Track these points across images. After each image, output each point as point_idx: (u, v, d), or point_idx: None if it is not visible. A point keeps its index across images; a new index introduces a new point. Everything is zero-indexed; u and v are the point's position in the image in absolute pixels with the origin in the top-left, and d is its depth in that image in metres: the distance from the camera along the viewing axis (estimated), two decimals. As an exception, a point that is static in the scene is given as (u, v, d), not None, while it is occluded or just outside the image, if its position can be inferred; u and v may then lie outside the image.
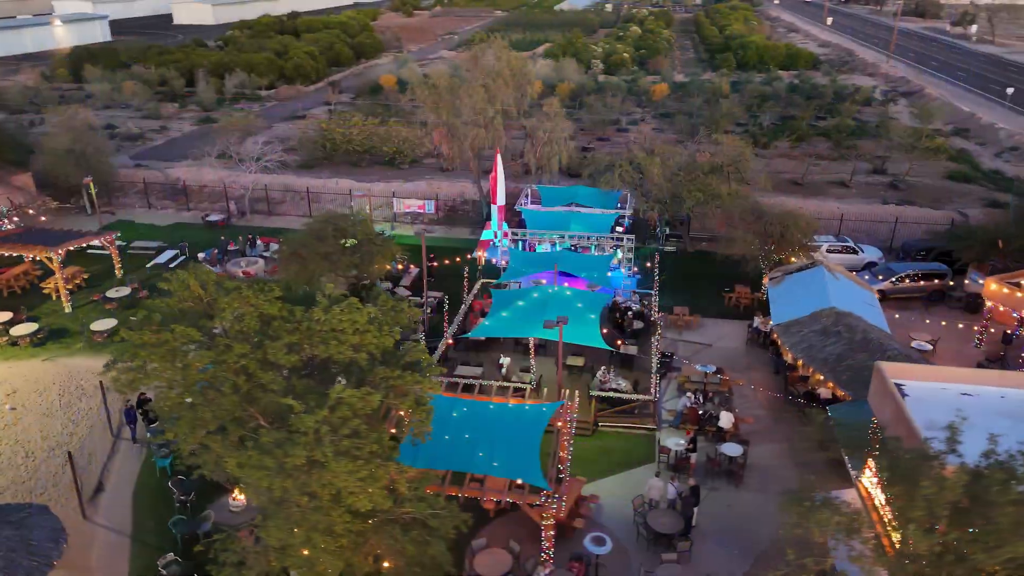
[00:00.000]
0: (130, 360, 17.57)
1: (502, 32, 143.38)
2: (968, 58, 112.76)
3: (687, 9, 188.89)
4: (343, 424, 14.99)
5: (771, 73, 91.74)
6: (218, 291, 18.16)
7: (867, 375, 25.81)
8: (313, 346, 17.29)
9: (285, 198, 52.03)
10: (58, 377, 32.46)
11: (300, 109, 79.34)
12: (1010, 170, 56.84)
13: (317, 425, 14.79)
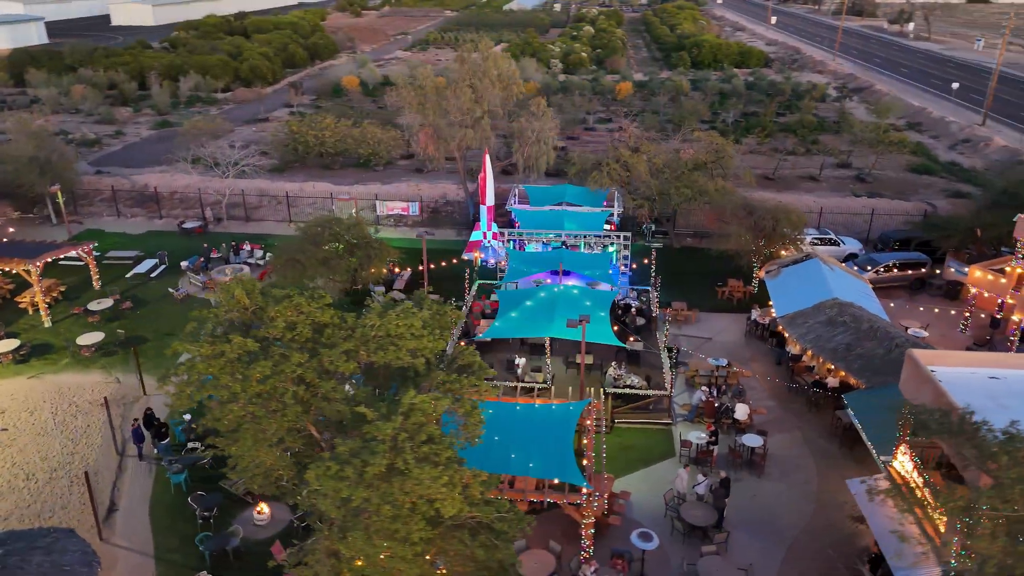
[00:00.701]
0: (186, 373, 16.93)
1: (454, 32, 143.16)
2: (908, 55, 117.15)
3: (634, 9, 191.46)
4: (419, 430, 14.79)
5: (727, 71, 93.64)
6: (266, 300, 17.65)
7: (878, 363, 26.74)
8: (370, 353, 16.99)
9: (261, 203, 50.90)
10: (48, 395, 31.12)
11: (262, 112, 77.68)
12: (965, 161, 59.34)
13: (395, 432, 14.55)
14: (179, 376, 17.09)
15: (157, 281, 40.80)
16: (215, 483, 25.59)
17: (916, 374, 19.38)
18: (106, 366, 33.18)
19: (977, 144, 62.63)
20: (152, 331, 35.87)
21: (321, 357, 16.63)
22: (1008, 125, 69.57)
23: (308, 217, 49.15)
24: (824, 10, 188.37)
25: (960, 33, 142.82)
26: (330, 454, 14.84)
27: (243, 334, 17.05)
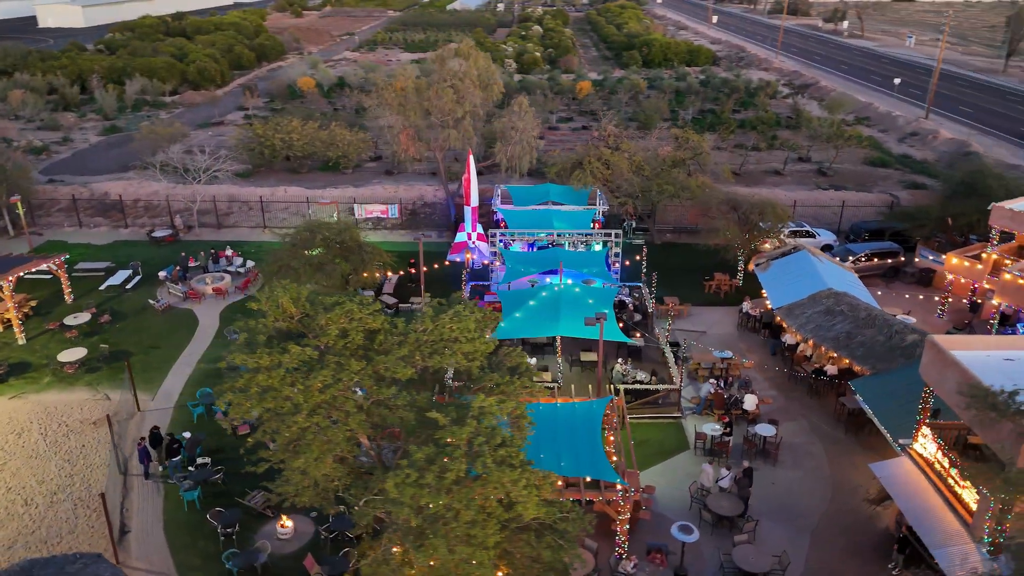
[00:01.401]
0: (244, 386, 16.36)
1: (401, 32, 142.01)
2: (845, 52, 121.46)
3: (577, 8, 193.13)
4: (493, 433, 14.70)
5: (679, 70, 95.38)
6: (314, 307, 17.21)
7: (880, 350, 27.73)
8: (424, 357, 16.78)
9: (231, 209, 49.56)
10: (35, 415, 29.68)
11: (216, 115, 75.58)
12: (916, 154, 61.91)
13: (470, 436, 14.43)
14: (239, 389, 16.45)
15: (134, 292, 39.33)
16: (229, 499, 24.93)
17: (939, 359, 20.18)
18: (92, 383, 31.84)
19: (925, 137, 65.41)
20: (136, 345, 34.58)
21: (376, 364, 16.34)
22: (947, 118, 72.86)
23: (283, 223, 48.29)
24: (760, 9, 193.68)
25: (890, 31, 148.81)
26: (407, 461, 14.59)
27: (295, 343, 16.60)
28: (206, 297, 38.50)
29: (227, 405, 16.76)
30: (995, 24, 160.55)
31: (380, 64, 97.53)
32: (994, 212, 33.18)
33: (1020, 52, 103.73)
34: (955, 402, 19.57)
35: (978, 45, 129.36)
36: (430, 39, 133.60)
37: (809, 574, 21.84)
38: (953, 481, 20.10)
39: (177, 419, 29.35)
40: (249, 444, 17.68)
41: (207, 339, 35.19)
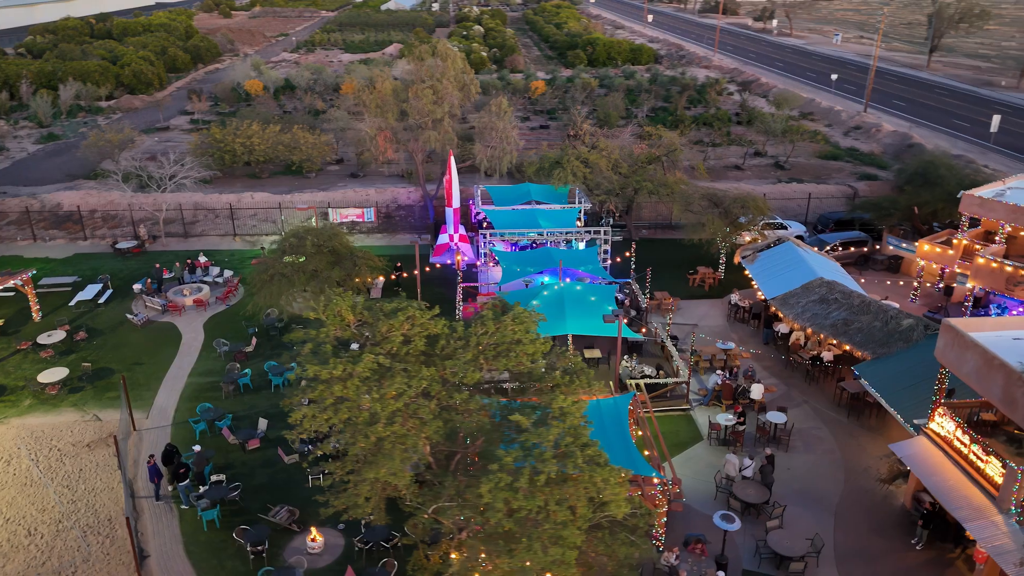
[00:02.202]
0: (318, 397, 15.83)
1: (339, 33, 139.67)
2: (777, 50, 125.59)
3: (512, 8, 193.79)
4: (578, 433, 14.72)
5: (626, 68, 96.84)
6: (374, 315, 16.83)
7: (879, 335, 28.88)
8: (488, 361, 16.65)
9: (197, 217, 47.87)
10: (21, 440, 28.09)
11: (161, 120, 72.83)
12: (863, 147, 64.59)
13: (557, 437, 14.41)
14: (315, 401, 15.93)
15: (106, 307, 37.59)
16: (248, 516, 24.18)
17: (958, 341, 21.19)
18: (77, 404, 30.33)
19: (869, 130, 68.28)
20: (118, 362, 33.10)
21: (443, 369, 16.13)
22: (883, 111, 76.19)
23: (253, 230, 47.04)
24: (691, 8, 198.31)
25: (816, 28, 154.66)
26: (497, 465, 14.43)
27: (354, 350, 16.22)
28: (186, 309, 37.12)
29: (303, 418, 16.15)
30: (911, 21, 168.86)
31: (323, 65, 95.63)
32: (964, 200, 34.95)
33: (941, 48, 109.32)
34: (976, 382, 20.59)
35: (899, 42, 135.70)
36: (369, 39, 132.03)
37: (839, 554, 22.60)
38: (975, 457, 21.15)
39: (177, 437, 28.22)
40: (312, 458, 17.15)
41: (194, 352, 33.95)
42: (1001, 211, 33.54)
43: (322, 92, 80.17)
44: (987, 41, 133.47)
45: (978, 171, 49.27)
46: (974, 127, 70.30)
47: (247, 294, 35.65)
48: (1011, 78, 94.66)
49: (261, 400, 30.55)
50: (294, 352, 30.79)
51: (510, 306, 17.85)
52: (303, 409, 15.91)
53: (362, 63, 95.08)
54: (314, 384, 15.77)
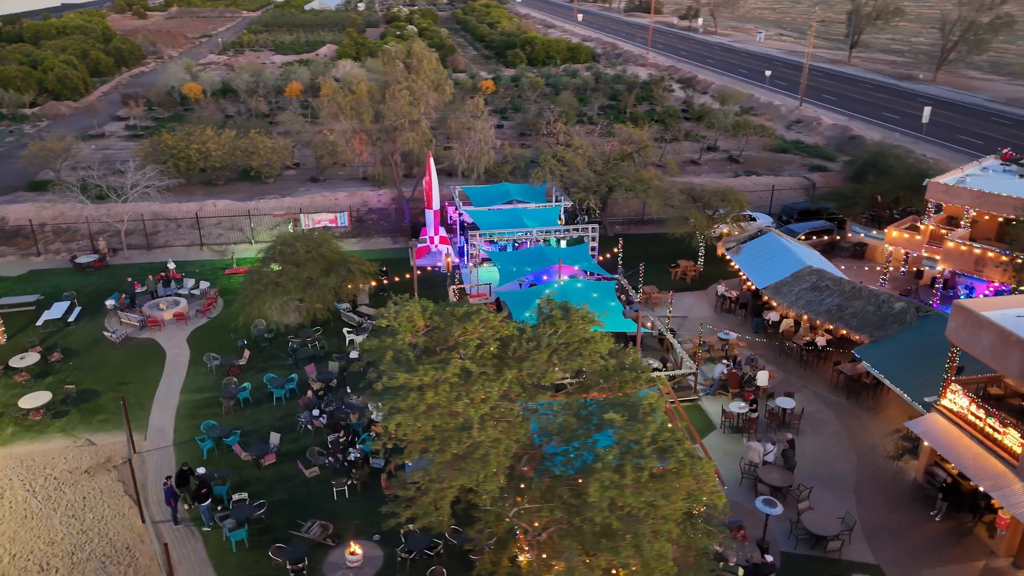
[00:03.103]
0: (410, 405, 15.37)
1: (266, 33, 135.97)
2: (706, 47, 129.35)
3: (439, 8, 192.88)
4: (673, 429, 14.89)
5: (569, 67, 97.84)
6: (444, 319, 16.52)
7: (874, 318, 30.20)
8: (562, 360, 16.63)
9: (158, 228, 45.80)
10: (11, 470, 26.35)
11: (95, 127, 69.34)
12: (807, 139, 67.28)
13: (655, 433, 14.54)
14: (402, 408, 15.49)
15: (77, 326, 35.59)
16: (277, 533, 23.40)
17: (971, 321, 22.41)
18: (65, 429, 28.65)
19: (810, 123, 71.18)
20: (102, 382, 31.43)
21: (521, 371, 16.03)
22: (816, 105, 79.50)
23: (219, 239, 45.45)
24: (616, 7, 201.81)
25: (738, 26, 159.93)
26: (600, 464, 14.42)
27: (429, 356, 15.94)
28: (166, 324, 35.52)
29: (396, 426, 15.65)
30: (824, 19, 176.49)
31: (259, 67, 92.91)
32: (930, 187, 36.86)
33: (859, 44, 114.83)
34: (992, 358, 21.84)
35: (817, 39, 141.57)
36: (300, 40, 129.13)
37: (867, 531, 23.55)
38: (991, 429, 22.42)
39: (182, 457, 26.99)
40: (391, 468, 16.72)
41: (181, 369, 32.54)
42: (966, 197, 35.54)
43: (265, 95, 77.92)
44: (897, 37, 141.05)
45: (921, 160, 52.03)
46: (903, 119, 74.19)
47: (237, 305, 34.29)
48: (928, 72, 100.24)
49: (264, 414, 29.56)
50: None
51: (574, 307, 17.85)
52: (396, 417, 15.47)
53: (301, 64, 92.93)
54: (404, 392, 15.37)
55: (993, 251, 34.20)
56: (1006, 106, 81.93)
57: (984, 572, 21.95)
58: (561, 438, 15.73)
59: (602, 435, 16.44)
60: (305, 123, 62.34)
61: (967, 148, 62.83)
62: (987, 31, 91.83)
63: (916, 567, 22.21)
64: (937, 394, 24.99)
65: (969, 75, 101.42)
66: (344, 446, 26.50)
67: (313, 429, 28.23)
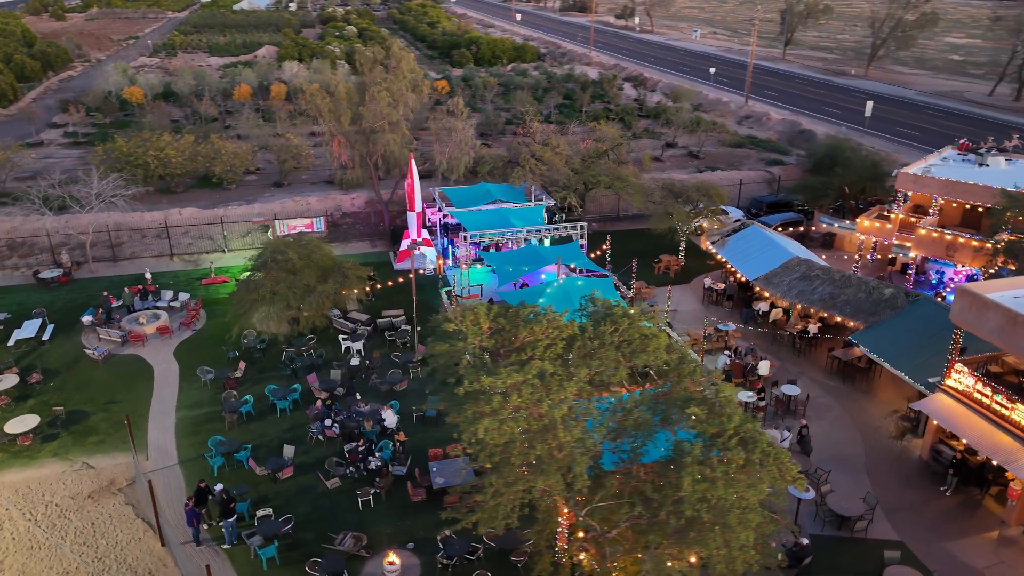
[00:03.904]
0: (495, 408, 15.12)
1: (197, 35, 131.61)
2: (646, 46, 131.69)
3: (375, 8, 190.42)
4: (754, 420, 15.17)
5: (517, 66, 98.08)
6: (509, 321, 16.37)
7: (866, 305, 31.37)
8: (626, 357, 16.72)
9: (122, 239, 43.85)
10: (8, 500, 24.84)
11: (33, 135, 65.81)
12: (760, 134, 69.28)
13: (736, 427, 14.80)
14: (488, 413, 15.24)
15: (52, 344, 33.79)
16: (305, 548, 22.80)
17: (976, 303, 23.57)
18: (58, 453, 27.20)
19: (760, 119, 73.35)
20: (89, 402, 29.97)
21: (590, 369, 16.05)
22: (760, 101, 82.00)
23: (188, 248, 43.92)
24: (550, 7, 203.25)
25: (672, 25, 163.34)
26: (691, 459, 14.55)
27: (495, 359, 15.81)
28: (148, 338, 34.06)
29: (485, 431, 15.34)
30: (752, 18, 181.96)
31: (200, 70, 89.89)
32: (900, 177, 38.55)
33: (793, 42, 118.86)
34: (999, 338, 23.02)
35: (749, 37, 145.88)
36: (235, 41, 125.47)
37: (886, 509, 24.48)
38: (999, 406, 23.62)
39: (192, 475, 26.00)
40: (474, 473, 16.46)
41: (172, 384, 31.29)
42: (935, 186, 37.30)
43: (213, 98, 75.48)
44: (824, 34, 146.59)
45: (873, 152, 54.33)
46: (844, 113, 77.17)
47: (231, 316, 33.11)
48: (859, 68, 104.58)
49: (270, 426, 28.70)
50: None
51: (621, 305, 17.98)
52: (484, 422, 15.21)
53: (244, 66, 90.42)
54: (488, 395, 15.13)
55: (964, 236, 36.00)
56: (936, 99, 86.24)
57: (999, 541, 23.12)
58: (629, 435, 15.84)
59: (662, 432, 16.65)
60: (264, 126, 60.75)
61: (907, 140, 65.90)
62: (913, 28, 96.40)
63: (936, 541, 23.22)
64: (938, 375, 26.21)
65: (897, 70, 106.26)
66: (363, 455, 25.97)
67: (325, 439, 27.57)
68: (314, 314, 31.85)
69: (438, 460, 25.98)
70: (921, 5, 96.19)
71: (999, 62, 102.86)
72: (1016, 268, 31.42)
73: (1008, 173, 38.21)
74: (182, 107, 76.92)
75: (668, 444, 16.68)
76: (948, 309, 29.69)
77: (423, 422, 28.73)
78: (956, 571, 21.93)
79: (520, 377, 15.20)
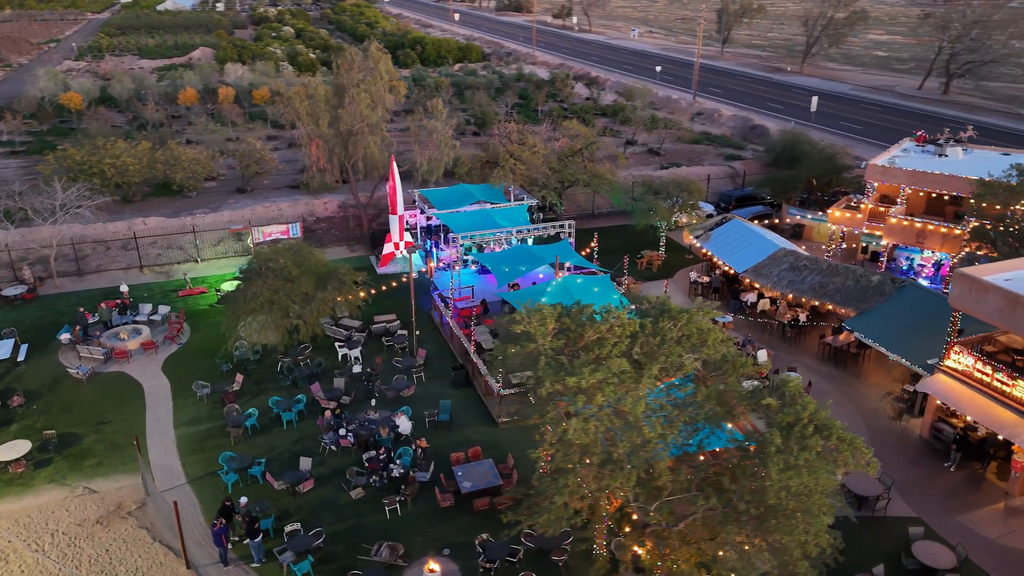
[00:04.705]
0: (578, 408, 15.02)
1: (123, 36, 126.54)
2: (587, 45, 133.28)
3: (307, 8, 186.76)
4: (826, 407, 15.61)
5: (465, 66, 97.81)
6: (573, 320, 16.33)
7: (854, 293, 32.56)
8: (687, 351, 16.95)
9: (84, 251, 41.80)
10: (10, 532, 23.43)
11: (-34, 145, 62.10)
12: (714, 130, 71.04)
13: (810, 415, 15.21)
14: (571, 413, 15.16)
15: (28, 365, 31.97)
16: (337, 561, 22.29)
17: (975, 287, 24.77)
18: (54, 478, 25.80)
19: (711, 115, 75.21)
20: (79, 424, 28.51)
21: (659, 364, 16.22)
22: (706, 98, 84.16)
23: (158, 259, 42.29)
24: (486, 7, 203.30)
25: (609, 24, 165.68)
26: (774, 448, 14.83)
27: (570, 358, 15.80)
28: (133, 354, 32.60)
29: (573, 432, 15.22)
30: (683, 16, 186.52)
31: (139, 73, 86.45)
32: (868, 169, 40.16)
33: (728, 40, 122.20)
34: (1000, 319, 24.27)
35: (684, 35, 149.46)
36: (166, 44, 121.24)
37: (898, 487, 25.49)
38: (1000, 383, 24.90)
39: (205, 493, 25.07)
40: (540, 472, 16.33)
41: (165, 401, 30.04)
42: (902, 176, 39.01)
43: (157, 102, 72.68)
44: (755, 32, 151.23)
45: (828, 145, 56.34)
46: (787, 108, 79.92)
47: (226, 327, 31.94)
48: (794, 64, 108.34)
49: (278, 439, 27.87)
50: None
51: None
52: (572, 422, 15.09)
53: (185, 68, 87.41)
54: (569, 395, 15.05)
55: (934, 224, 37.78)
56: (870, 93, 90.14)
57: (1006, 511, 24.39)
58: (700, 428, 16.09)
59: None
60: (219, 130, 58.91)
61: (851, 134, 68.68)
62: (844, 25, 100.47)
63: (949, 515, 24.32)
64: (933, 356, 27.45)
65: (828, 67, 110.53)
66: (385, 463, 25.52)
67: (338, 449, 26.96)
68: (314, 322, 31.07)
69: (461, 464, 25.75)
70: (851, 3, 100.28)
71: (920, 57, 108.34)
72: (987, 253, 33.12)
73: (966, 162, 40.29)
74: (123, 112, 73.93)
75: (726, 436, 16.99)
76: (934, 294, 31.37)
77: (436, 427, 28.41)
78: (972, 542, 22.99)
79: (601, 375, 15.23)
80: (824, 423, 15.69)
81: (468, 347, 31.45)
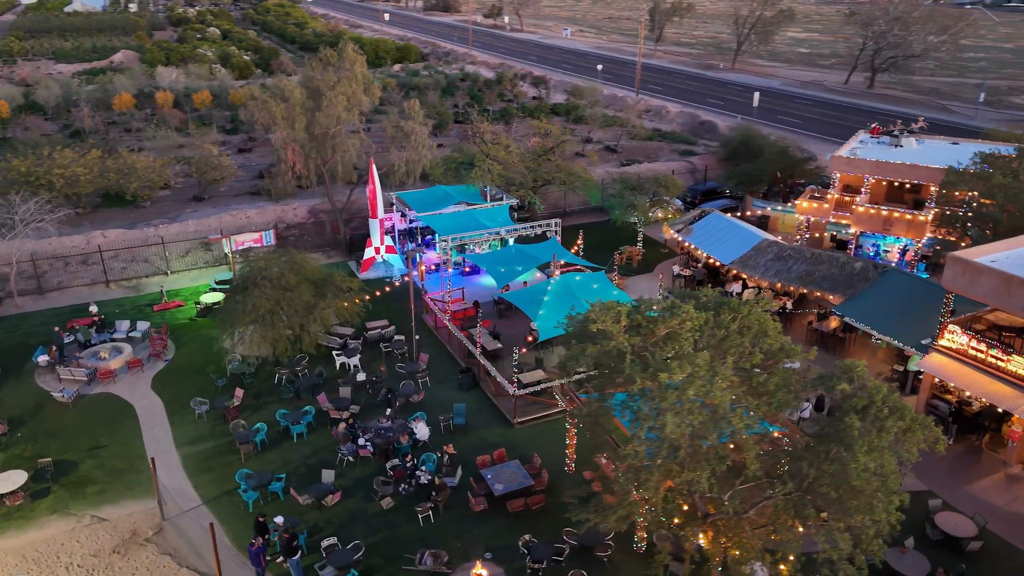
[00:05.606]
0: (674, 403, 15.05)
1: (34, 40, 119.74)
2: (522, 44, 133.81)
3: (227, 8, 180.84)
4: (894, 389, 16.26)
5: (408, 66, 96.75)
6: (647, 316, 16.42)
7: (840, 280, 33.85)
8: (752, 343, 17.31)
9: (42, 268, 39.42)
10: (18, 568, 21.94)
11: None
12: (664, 127, 72.51)
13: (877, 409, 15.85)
14: (670, 408, 15.19)
15: (4, 390, 29.96)
16: (378, 573, 21.84)
17: (969, 269, 26.17)
18: (57, 509, 24.33)
19: (659, 112, 76.76)
20: (71, 450, 26.98)
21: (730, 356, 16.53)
22: (648, 95, 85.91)
23: (123, 273, 40.38)
24: (413, 6, 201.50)
25: (540, 24, 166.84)
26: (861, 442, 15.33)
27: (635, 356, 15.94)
28: (118, 373, 30.98)
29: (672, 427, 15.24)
30: (610, 15, 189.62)
31: (60, 78, 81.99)
32: (833, 160, 41.81)
33: (662, 39, 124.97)
34: (994, 299, 25.74)
35: (614, 34, 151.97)
36: (84, 47, 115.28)
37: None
38: (994, 359, 26.40)
39: (225, 513, 24.11)
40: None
41: (161, 421, 28.71)
42: (867, 167, 40.79)
43: (94, 109, 69.11)
44: (683, 31, 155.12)
45: (781, 139, 58.40)
46: (728, 104, 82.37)
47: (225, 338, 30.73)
48: (726, 62, 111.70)
49: (290, 453, 27.03)
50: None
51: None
52: (667, 418, 15.12)
53: (115, 72, 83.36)
54: (662, 392, 15.10)
55: (899, 211, 39.69)
56: (801, 89, 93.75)
57: (1007, 480, 25.91)
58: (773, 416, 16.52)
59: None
60: (172, 136, 56.56)
61: (791, 128, 71.21)
62: (772, 23, 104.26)
63: (956, 486, 25.66)
64: (924, 337, 28.88)
65: (757, 63, 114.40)
66: (411, 470, 25.09)
67: (357, 460, 26.36)
68: (316, 332, 30.24)
69: (487, 467, 25.57)
70: (778, 2, 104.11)
71: (841, 54, 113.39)
72: (955, 239, 35.00)
73: (921, 151, 42.48)
74: (52, 120, 69.97)
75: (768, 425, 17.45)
76: (915, 278, 33.00)
77: (451, 431, 28.12)
78: (982, 510, 24.32)
79: (690, 369, 15.40)
80: (896, 405, 16.35)
81: (473, 349, 31.20)
